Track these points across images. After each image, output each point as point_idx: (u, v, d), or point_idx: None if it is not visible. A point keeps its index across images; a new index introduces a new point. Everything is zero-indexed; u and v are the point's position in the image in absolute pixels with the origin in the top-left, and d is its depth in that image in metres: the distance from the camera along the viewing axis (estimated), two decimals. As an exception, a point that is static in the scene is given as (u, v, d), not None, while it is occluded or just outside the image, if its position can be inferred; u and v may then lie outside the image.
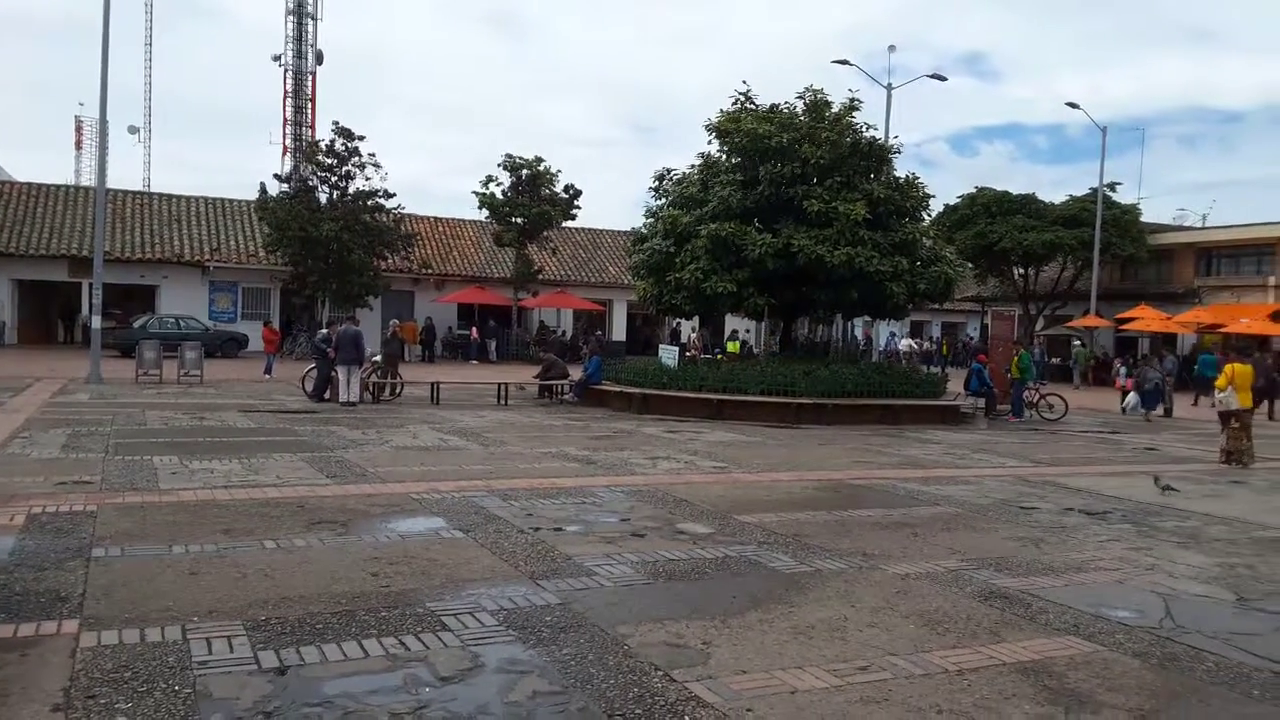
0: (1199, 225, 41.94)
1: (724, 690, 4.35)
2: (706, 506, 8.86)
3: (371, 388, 19.10)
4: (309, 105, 45.24)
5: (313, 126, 44.41)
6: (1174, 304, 36.26)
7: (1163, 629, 5.55)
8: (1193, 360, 30.17)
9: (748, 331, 35.32)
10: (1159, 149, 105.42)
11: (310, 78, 45.26)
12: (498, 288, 37.94)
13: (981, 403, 20.90)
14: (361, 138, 32.34)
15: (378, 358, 20.01)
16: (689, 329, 37.73)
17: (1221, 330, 32.76)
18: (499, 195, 35.07)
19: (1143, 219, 38.29)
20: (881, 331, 41.55)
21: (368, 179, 32.58)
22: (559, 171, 35.83)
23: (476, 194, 34.96)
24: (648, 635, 5.09)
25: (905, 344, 40.97)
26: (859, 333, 39.85)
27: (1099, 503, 10.02)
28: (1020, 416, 20.55)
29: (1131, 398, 19.66)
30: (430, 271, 37.73)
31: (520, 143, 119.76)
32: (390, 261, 34.48)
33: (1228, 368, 14.69)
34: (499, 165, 35.22)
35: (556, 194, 35.81)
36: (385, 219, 33.09)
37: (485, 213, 35.84)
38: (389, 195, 32.83)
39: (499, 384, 20.37)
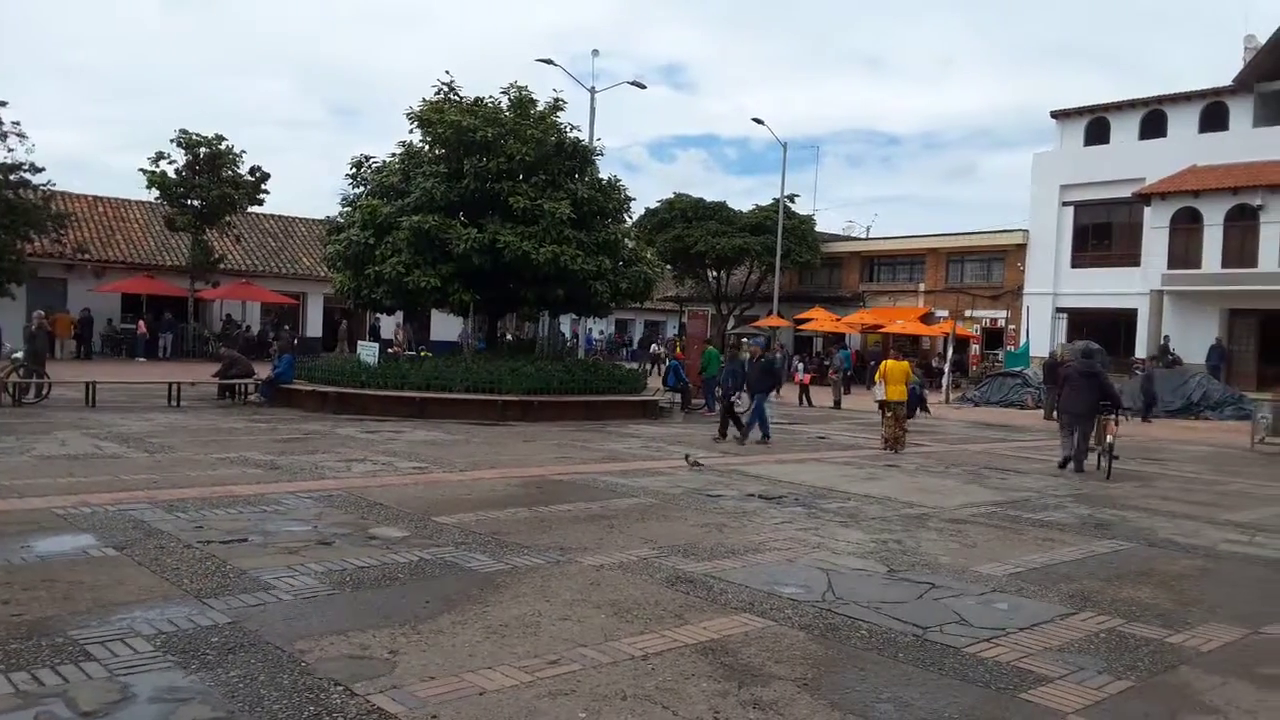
0: (864, 236, 46.93)
1: (409, 699, 4.17)
2: (403, 509, 8.53)
3: (11, 389, 16.66)
4: (-63, 62, 38.79)
5: (-58, 88, 38.13)
6: (843, 306, 40.30)
7: (825, 602, 6.05)
8: (866, 357, 33.80)
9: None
10: (831, 165, 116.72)
11: (-61, 31, 38.85)
12: (171, 277, 34.56)
13: (679, 397, 21.99)
14: (3, 103, 28.23)
15: (19, 354, 17.50)
16: (393, 324, 36.54)
17: (881, 330, 36.86)
18: (172, 175, 31.96)
19: (817, 229, 42.21)
20: (593, 328, 42.64)
21: (10, 151, 28.46)
22: (244, 152, 33.33)
23: (145, 172, 31.55)
24: (329, 649, 4.77)
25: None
26: (566, 330, 40.63)
27: (776, 488, 10.82)
28: (714, 409, 21.83)
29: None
30: (88, 257, 33.61)
31: (202, 119, 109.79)
32: (38, 245, 30.36)
33: (882, 364, 16.53)
34: (172, 142, 32.09)
35: (241, 176, 33.24)
36: (31, 196, 29.07)
37: (155, 193, 32.49)
38: (36, 170, 28.88)
39: (170, 384, 18.52)
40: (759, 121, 38.22)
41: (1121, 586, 6.80)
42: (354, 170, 21.89)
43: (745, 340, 24.53)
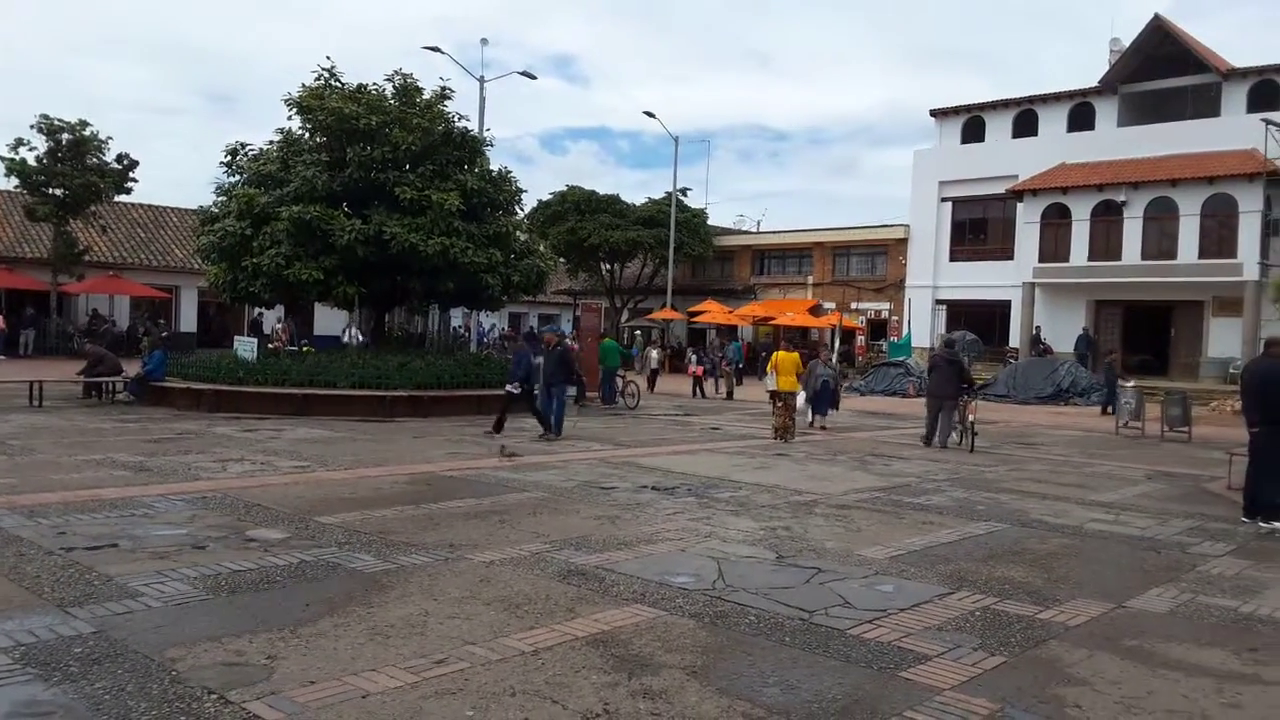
0: (754, 230, 47.70)
1: (287, 705, 4.03)
2: (283, 510, 8.23)
3: None
4: None
5: None
6: (735, 299, 40.91)
7: (715, 590, 6.10)
8: (758, 349, 34.41)
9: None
10: (722, 160, 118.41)
11: None
12: (32, 270, 32.63)
13: (573, 391, 21.86)
14: None
15: None
16: (274, 319, 35.32)
17: (772, 322, 37.55)
18: (32, 162, 30.18)
19: (710, 222, 42.69)
20: (485, 323, 42.04)
21: None
22: (110, 138, 31.75)
23: (3, 160, 29.72)
24: (202, 656, 4.57)
25: (352, 333, 30.28)
26: (459, 323, 39.96)
27: (669, 479, 10.88)
28: (610, 402, 21.84)
29: (799, 400, 16.91)
30: (-59, 250, 31.46)
31: (64, 104, 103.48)
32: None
33: (774, 355, 16.82)
34: (32, 128, 30.35)
35: (107, 163, 31.62)
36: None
37: (15, 182, 30.63)
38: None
39: (31, 382, 17.43)
40: (650, 115, 38.30)
41: (996, 566, 7.08)
42: (229, 158, 21.03)
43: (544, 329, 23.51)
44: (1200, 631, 5.60)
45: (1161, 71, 32.28)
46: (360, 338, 29.21)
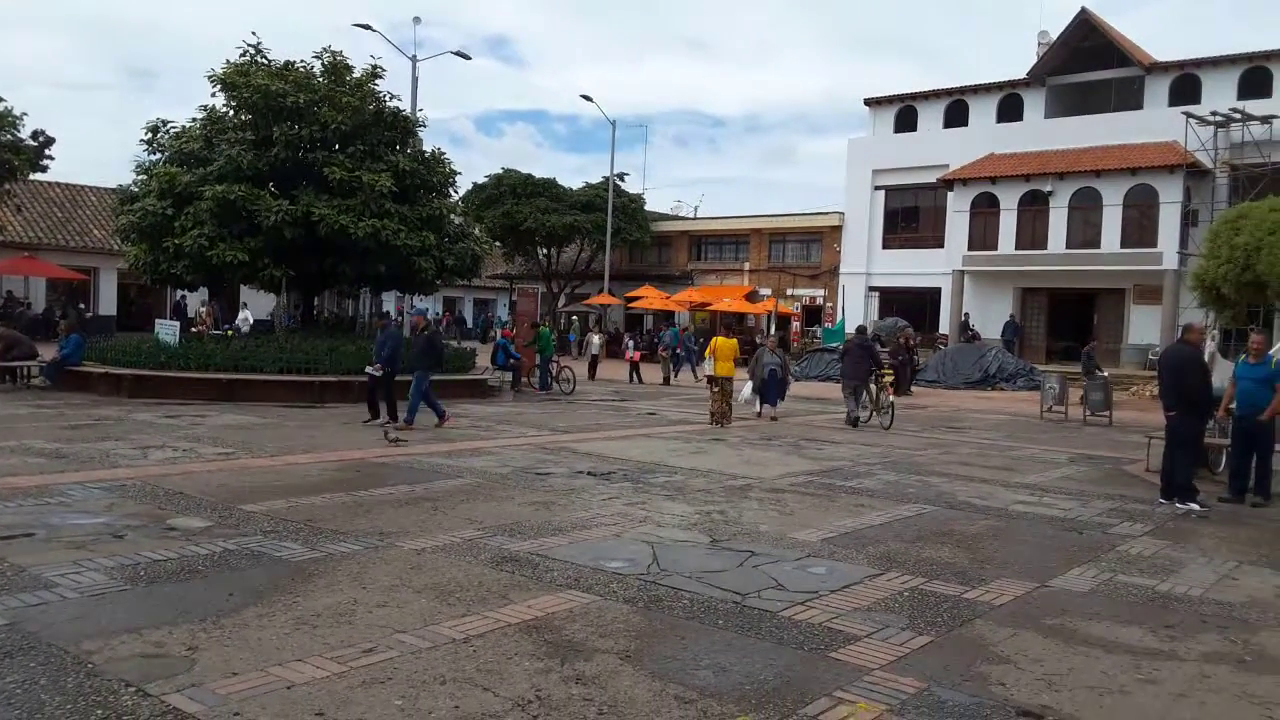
0: (692, 216, 47.81)
1: (208, 697, 3.91)
2: (206, 498, 8.00)
3: None
4: None
5: None
6: (672, 285, 41.02)
7: (650, 574, 6.10)
8: (695, 334, 34.52)
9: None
10: (660, 145, 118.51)
11: None
12: (-57, 250, 31.25)
13: (509, 376, 21.72)
14: None
15: None
16: (198, 301, 34.38)
17: (709, 308, 37.72)
18: (-58, 138, 28.86)
19: (647, 208, 42.66)
20: (420, 306, 41.42)
21: None
22: (24, 115, 30.43)
23: (-89, 136, 28.37)
24: (119, 648, 4.41)
25: (242, 316, 31.73)
26: (391, 308, 39.32)
27: (605, 464, 10.85)
28: (546, 389, 21.73)
29: (746, 390, 16.95)
30: None
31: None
32: None
33: (713, 340, 16.90)
34: (-59, 103, 28.96)
35: (21, 140, 30.35)
36: None
37: (-76, 159, 29.24)
38: None
39: (-59, 367, 16.71)
40: (587, 98, 38.04)
41: (924, 547, 7.21)
42: (150, 135, 20.34)
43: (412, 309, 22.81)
44: (1119, 610, 5.77)
45: (1087, 64, 33.13)
46: (252, 320, 29.14)
